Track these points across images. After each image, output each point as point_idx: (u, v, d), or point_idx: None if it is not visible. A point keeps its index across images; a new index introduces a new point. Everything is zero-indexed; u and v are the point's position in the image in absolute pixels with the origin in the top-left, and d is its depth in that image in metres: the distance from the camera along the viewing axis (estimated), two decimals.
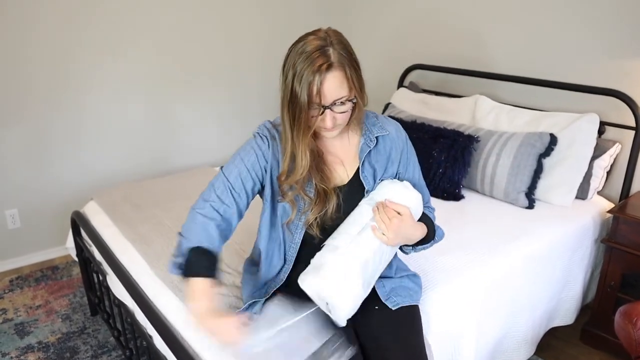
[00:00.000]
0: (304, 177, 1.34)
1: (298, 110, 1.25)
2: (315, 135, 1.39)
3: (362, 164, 1.43)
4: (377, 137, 1.44)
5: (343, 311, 1.26)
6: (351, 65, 1.25)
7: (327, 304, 1.26)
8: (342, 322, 1.28)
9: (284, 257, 1.46)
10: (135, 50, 3.05)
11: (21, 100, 2.78)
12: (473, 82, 2.95)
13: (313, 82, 1.20)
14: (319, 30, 1.28)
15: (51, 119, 2.89)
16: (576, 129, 2.32)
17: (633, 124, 2.29)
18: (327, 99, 1.24)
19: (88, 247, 2.29)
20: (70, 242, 2.45)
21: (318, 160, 1.38)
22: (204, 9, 3.23)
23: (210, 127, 3.50)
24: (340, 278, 1.26)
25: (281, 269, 1.46)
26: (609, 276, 2.18)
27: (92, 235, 2.15)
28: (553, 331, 2.29)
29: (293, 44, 1.27)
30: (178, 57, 3.22)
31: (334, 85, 1.22)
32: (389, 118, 1.53)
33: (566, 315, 2.25)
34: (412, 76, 3.32)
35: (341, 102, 1.26)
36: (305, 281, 1.28)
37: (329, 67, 1.21)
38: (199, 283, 1.28)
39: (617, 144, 2.37)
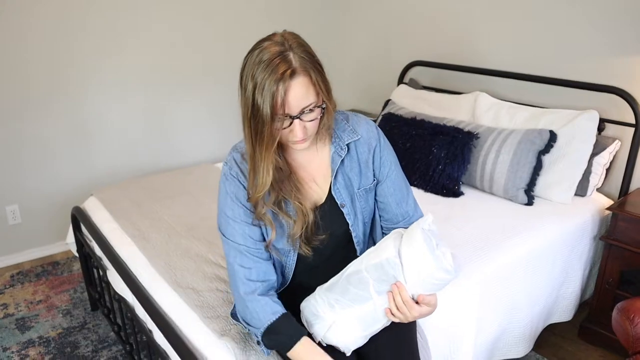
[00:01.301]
0: (275, 197, 1.26)
1: (260, 123, 1.14)
2: (284, 150, 1.31)
3: (335, 177, 1.34)
4: (347, 145, 1.35)
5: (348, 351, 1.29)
6: (315, 68, 1.16)
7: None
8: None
9: (282, 276, 1.42)
10: (135, 48, 3.05)
11: (21, 97, 2.78)
12: (473, 78, 2.95)
13: (277, 92, 1.10)
14: (274, 34, 1.18)
15: (51, 116, 2.89)
16: (576, 126, 2.32)
17: (633, 121, 2.29)
18: (294, 109, 1.14)
19: (88, 242, 2.30)
20: (70, 238, 2.46)
21: (291, 177, 1.30)
22: (203, 8, 3.23)
23: (209, 125, 3.50)
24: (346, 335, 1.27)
25: (280, 287, 1.42)
26: (607, 273, 2.18)
27: (92, 230, 2.16)
28: (551, 327, 2.30)
29: (248, 53, 1.18)
30: (177, 56, 3.22)
31: (300, 93, 1.13)
32: (361, 116, 1.41)
33: (564, 312, 2.26)
34: (412, 73, 3.32)
35: (310, 110, 1.16)
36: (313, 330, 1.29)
37: (293, 73, 1.11)
38: (299, 352, 1.22)
39: (617, 141, 2.37)
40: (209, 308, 1.54)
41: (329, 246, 1.38)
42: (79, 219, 2.29)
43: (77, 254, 2.47)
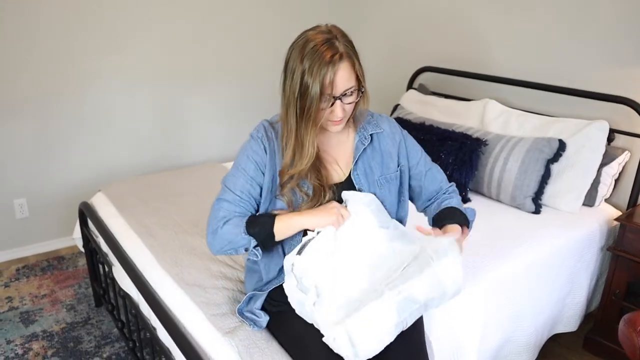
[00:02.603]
0: (302, 173, 1.36)
1: (309, 103, 1.26)
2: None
3: (356, 163, 1.45)
4: (371, 135, 1.47)
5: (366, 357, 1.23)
6: (356, 57, 1.30)
7: (346, 340, 1.21)
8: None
9: (284, 255, 1.45)
10: (144, 45, 3.07)
11: (31, 92, 2.80)
12: (482, 85, 2.95)
13: (327, 74, 1.23)
14: (318, 26, 1.32)
15: (60, 112, 2.91)
16: (585, 136, 2.31)
17: None
18: (339, 89, 1.27)
19: (95, 238, 2.31)
20: (77, 233, 2.47)
21: (315, 159, 1.39)
22: (214, 5, 3.25)
23: (217, 124, 3.51)
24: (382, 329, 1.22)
25: (282, 268, 1.45)
26: (614, 284, 2.17)
27: (99, 226, 2.17)
28: (556, 338, 2.28)
29: (294, 42, 1.30)
30: (186, 53, 3.23)
31: (345, 75, 1.26)
32: (384, 115, 1.56)
33: (570, 322, 2.24)
34: (422, 78, 3.32)
35: (350, 93, 1.30)
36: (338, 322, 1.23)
37: (340, 57, 1.25)
38: (279, 220, 1.35)
39: (627, 152, 2.36)
40: (214, 305, 1.54)
41: None
42: (86, 214, 2.30)
43: (83, 250, 2.48)
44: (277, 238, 1.36)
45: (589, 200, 2.35)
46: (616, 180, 2.41)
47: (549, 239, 2.08)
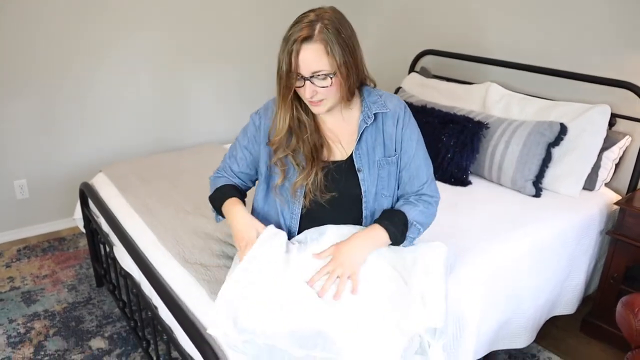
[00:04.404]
0: (294, 146, 1.42)
1: (278, 78, 1.34)
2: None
3: (359, 141, 1.46)
4: (375, 114, 1.46)
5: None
6: (337, 42, 1.28)
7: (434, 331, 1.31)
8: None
9: (287, 229, 1.50)
10: (147, 26, 3.04)
11: (31, 72, 2.78)
12: (484, 69, 2.93)
13: (292, 51, 1.28)
14: (320, 7, 1.34)
15: (61, 92, 2.90)
16: (587, 120, 2.31)
17: None
18: (304, 70, 1.30)
19: (95, 218, 2.31)
20: (78, 213, 2.47)
21: (315, 134, 1.44)
22: None
23: (218, 106, 3.49)
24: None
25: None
26: (612, 268, 2.18)
27: (100, 206, 2.17)
28: (554, 320, 2.30)
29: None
30: (189, 36, 3.21)
31: (309, 57, 1.28)
32: (394, 96, 1.55)
33: (568, 305, 2.26)
34: (424, 62, 3.30)
35: (322, 77, 1.30)
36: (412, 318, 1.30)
37: (308, 39, 1.27)
38: (226, 205, 1.50)
39: (627, 136, 2.36)
40: (216, 283, 1.55)
41: (338, 206, 1.46)
42: (87, 194, 2.30)
43: (84, 230, 2.48)
44: (226, 217, 1.51)
45: (589, 184, 2.35)
46: (617, 165, 2.41)
47: (548, 222, 2.09)
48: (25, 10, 2.67)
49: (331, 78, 1.31)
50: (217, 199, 1.53)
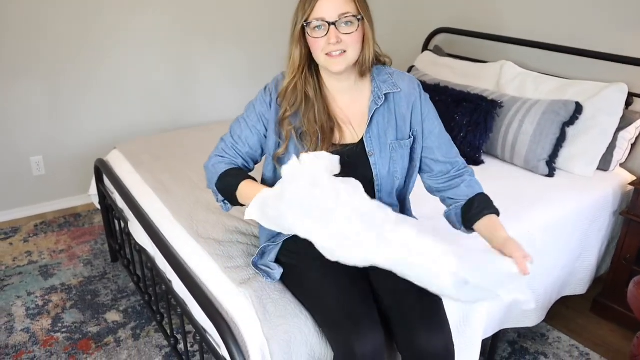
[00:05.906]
0: (303, 121, 1.37)
1: (298, 22, 1.30)
2: (325, 95, 1.42)
3: (370, 124, 1.41)
4: (385, 95, 1.41)
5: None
6: None
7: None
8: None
9: None
10: (159, 3, 3.04)
11: (46, 51, 2.80)
12: (499, 48, 2.89)
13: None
14: None
15: (76, 70, 2.91)
16: (603, 99, 2.28)
17: None
18: (329, 13, 1.26)
19: (110, 194, 2.34)
20: (93, 190, 2.51)
21: (321, 113, 1.38)
22: None
23: (228, 84, 3.48)
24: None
25: None
26: (625, 249, 2.17)
27: (115, 182, 2.19)
28: (564, 300, 2.30)
29: None
30: (199, 15, 3.19)
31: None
32: (406, 74, 1.49)
33: (579, 285, 2.26)
34: (437, 40, 3.26)
35: (348, 22, 1.28)
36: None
37: None
38: (242, 187, 1.36)
39: None
40: (229, 258, 1.57)
41: None
42: (102, 170, 2.33)
43: (99, 206, 2.52)
44: (241, 202, 1.39)
45: (604, 164, 2.33)
46: (632, 145, 2.38)
47: (561, 202, 2.08)
48: None
49: (358, 20, 1.29)
50: (228, 185, 1.39)
